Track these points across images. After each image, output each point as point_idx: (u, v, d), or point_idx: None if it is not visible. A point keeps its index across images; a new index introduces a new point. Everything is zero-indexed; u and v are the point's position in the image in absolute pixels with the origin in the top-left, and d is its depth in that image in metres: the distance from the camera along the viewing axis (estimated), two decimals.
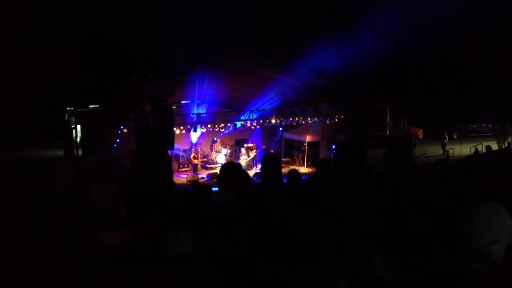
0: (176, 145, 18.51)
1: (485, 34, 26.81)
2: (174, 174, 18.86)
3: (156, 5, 24.79)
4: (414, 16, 23.42)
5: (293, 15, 27.75)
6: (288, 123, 19.61)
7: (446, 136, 23.39)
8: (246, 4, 25.17)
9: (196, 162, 19.28)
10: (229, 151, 20.59)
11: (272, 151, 18.70)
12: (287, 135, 22.18)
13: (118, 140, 16.91)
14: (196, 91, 18.62)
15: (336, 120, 20.08)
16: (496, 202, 1.71)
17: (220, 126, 18.23)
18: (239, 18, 24.87)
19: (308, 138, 20.67)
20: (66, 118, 17.06)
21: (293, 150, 22.09)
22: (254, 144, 20.70)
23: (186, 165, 19.84)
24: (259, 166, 17.30)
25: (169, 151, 16.07)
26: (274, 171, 3.85)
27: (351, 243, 1.95)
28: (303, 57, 19.62)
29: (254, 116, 19.28)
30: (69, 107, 17.20)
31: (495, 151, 18.72)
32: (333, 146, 19.49)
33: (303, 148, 21.18)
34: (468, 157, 18.54)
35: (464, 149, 22.39)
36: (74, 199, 2.63)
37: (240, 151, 20.42)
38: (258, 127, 19.86)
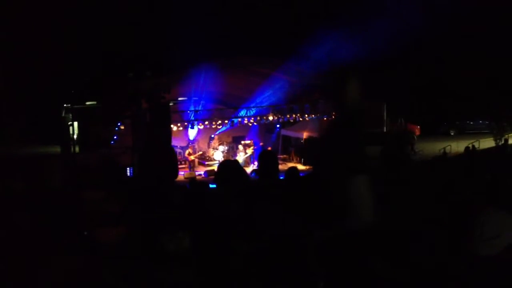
0: (174, 142, 18.49)
1: (482, 32, 26.86)
2: None
3: (153, 2, 24.72)
4: (410, 12, 23.44)
5: (290, 12, 27.70)
6: (285, 120, 19.61)
7: (415, 137, 24.09)
8: (244, 1, 25.13)
9: (192, 158, 19.23)
10: (226, 148, 20.53)
11: (269, 148, 18.68)
12: (284, 132, 22.17)
13: (115, 137, 16.88)
14: (194, 88, 18.58)
15: (334, 117, 20.07)
16: (499, 202, 1.71)
17: (218, 123, 18.21)
18: (236, 15, 24.82)
19: (305, 135, 20.65)
20: (63, 114, 17.00)
21: (290, 147, 22.08)
22: (252, 141, 20.66)
23: (183, 162, 19.80)
24: (256, 163, 17.27)
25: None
26: (270, 168, 3.84)
27: (349, 241, 1.94)
28: (300, 54, 19.60)
29: (252, 113, 19.26)
30: (66, 104, 17.14)
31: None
32: None
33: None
34: (464, 154, 18.57)
35: (460, 146, 22.43)
36: (70, 196, 2.62)
37: (237, 148, 20.37)
38: (255, 124, 19.84)
